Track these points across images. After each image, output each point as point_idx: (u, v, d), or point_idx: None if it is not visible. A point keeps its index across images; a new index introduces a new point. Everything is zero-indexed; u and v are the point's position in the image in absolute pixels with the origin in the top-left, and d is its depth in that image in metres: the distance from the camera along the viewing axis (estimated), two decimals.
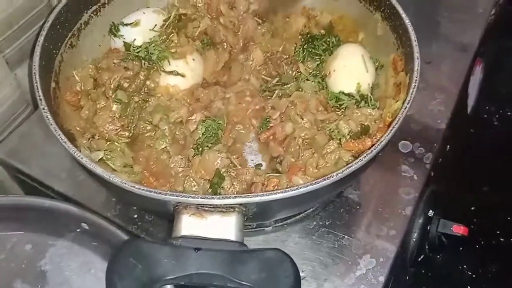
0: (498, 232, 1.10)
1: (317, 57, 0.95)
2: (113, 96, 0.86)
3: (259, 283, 0.59)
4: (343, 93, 0.89)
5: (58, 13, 0.86)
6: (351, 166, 0.68)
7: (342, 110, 0.87)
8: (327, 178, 0.66)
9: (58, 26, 0.86)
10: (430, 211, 0.95)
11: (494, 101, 1.32)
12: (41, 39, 0.82)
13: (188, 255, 0.61)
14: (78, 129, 0.85)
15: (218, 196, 0.65)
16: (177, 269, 0.60)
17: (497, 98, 1.32)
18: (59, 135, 0.72)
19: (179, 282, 0.61)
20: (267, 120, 0.88)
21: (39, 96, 0.76)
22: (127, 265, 0.59)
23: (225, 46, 0.98)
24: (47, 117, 0.74)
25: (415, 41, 0.82)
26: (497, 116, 1.33)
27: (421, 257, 0.95)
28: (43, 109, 0.74)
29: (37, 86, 0.77)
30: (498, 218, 1.13)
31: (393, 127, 0.72)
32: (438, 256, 1.03)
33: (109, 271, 0.59)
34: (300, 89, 0.91)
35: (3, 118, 1.03)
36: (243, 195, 0.65)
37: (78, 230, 0.85)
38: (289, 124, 0.85)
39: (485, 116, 1.33)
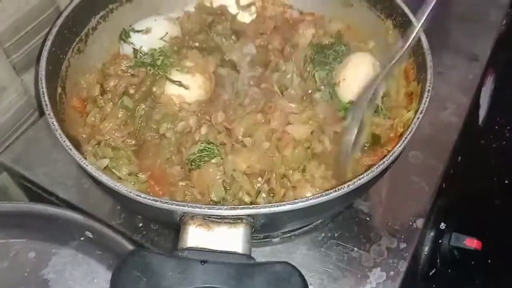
0: (511, 246, 1.07)
1: (327, 67, 0.94)
2: (119, 102, 0.84)
3: None
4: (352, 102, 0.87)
5: (65, 17, 0.85)
6: (363, 177, 0.66)
7: None
8: (338, 189, 0.65)
9: (65, 31, 0.86)
10: (442, 223, 0.93)
11: (505, 113, 1.29)
12: (48, 44, 0.81)
13: (194, 267, 0.59)
14: (83, 135, 0.84)
15: (226, 207, 0.64)
16: (182, 282, 0.58)
17: (508, 110, 1.30)
18: (64, 141, 0.71)
19: None
20: None
21: (45, 101, 0.75)
22: (131, 277, 0.57)
23: None
24: (52, 123, 0.72)
25: (428, 49, 0.81)
26: (508, 128, 1.30)
27: (433, 271, 0.93)
28: (49, 114, 0.73)
29: (43, 91, 0.76)
30: (511, 231, 1.11)
31: (406, 137, 0.70)
32: (449, 270, 1.01)
33: (113, 283, 0.58)
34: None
35: (10, 124, 1.02)
36: (251, 206, 0.64)
37: (82, 239, 0.84)
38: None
39: (496, 127, 1.30)
